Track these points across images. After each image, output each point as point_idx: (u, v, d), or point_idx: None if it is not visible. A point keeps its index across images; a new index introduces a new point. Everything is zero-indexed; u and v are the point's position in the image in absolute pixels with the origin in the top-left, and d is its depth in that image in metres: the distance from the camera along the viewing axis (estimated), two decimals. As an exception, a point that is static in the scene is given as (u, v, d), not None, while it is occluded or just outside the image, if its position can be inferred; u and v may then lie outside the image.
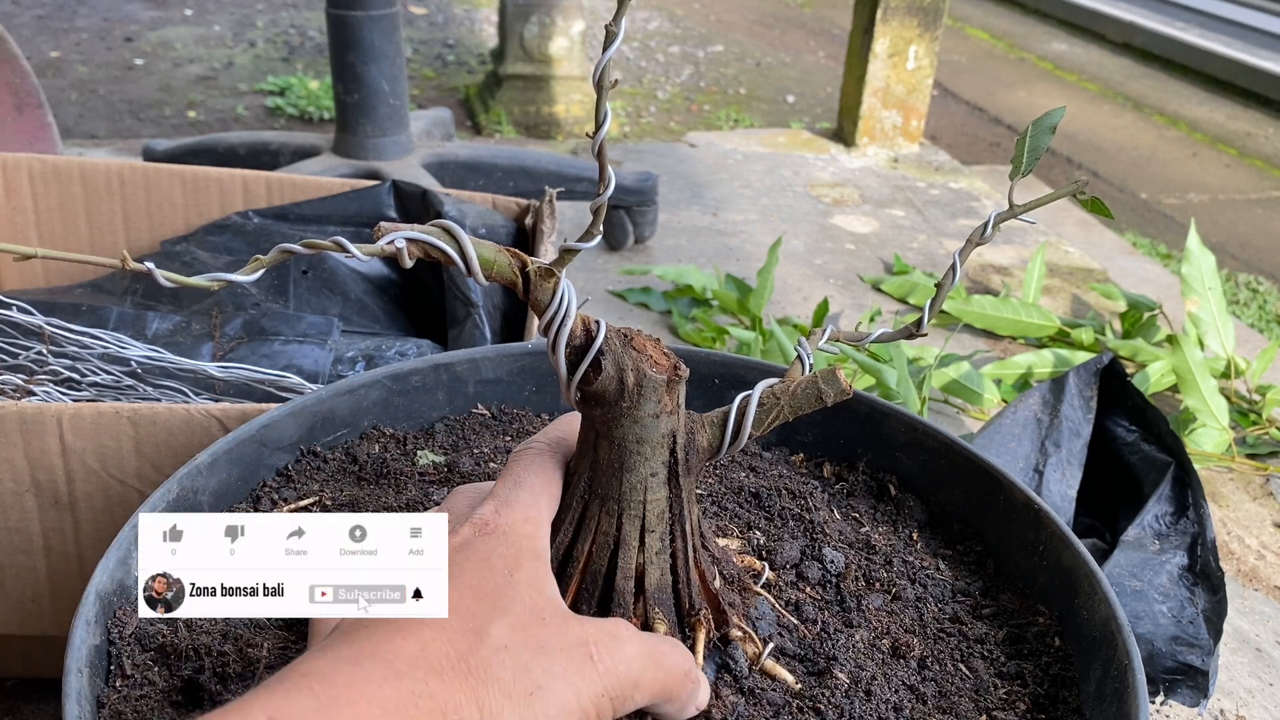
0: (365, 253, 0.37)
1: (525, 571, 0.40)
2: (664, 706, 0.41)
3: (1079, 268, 1.77)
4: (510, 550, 0.40)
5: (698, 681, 0.42)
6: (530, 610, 0.38)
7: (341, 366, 0.85)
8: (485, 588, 0.38)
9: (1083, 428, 1.03)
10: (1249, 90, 3.44)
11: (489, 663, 0.36)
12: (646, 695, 0.40)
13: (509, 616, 0.37)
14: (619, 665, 0.38)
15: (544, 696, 0.36)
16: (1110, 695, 0.45)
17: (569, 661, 0.37)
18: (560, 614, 0.39)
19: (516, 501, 0.43)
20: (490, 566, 0.39)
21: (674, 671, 0.41)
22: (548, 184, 1.62)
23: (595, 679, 0.37)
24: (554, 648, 0.37)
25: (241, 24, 3.40)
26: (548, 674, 0.36)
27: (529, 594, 0.39)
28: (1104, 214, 0.45)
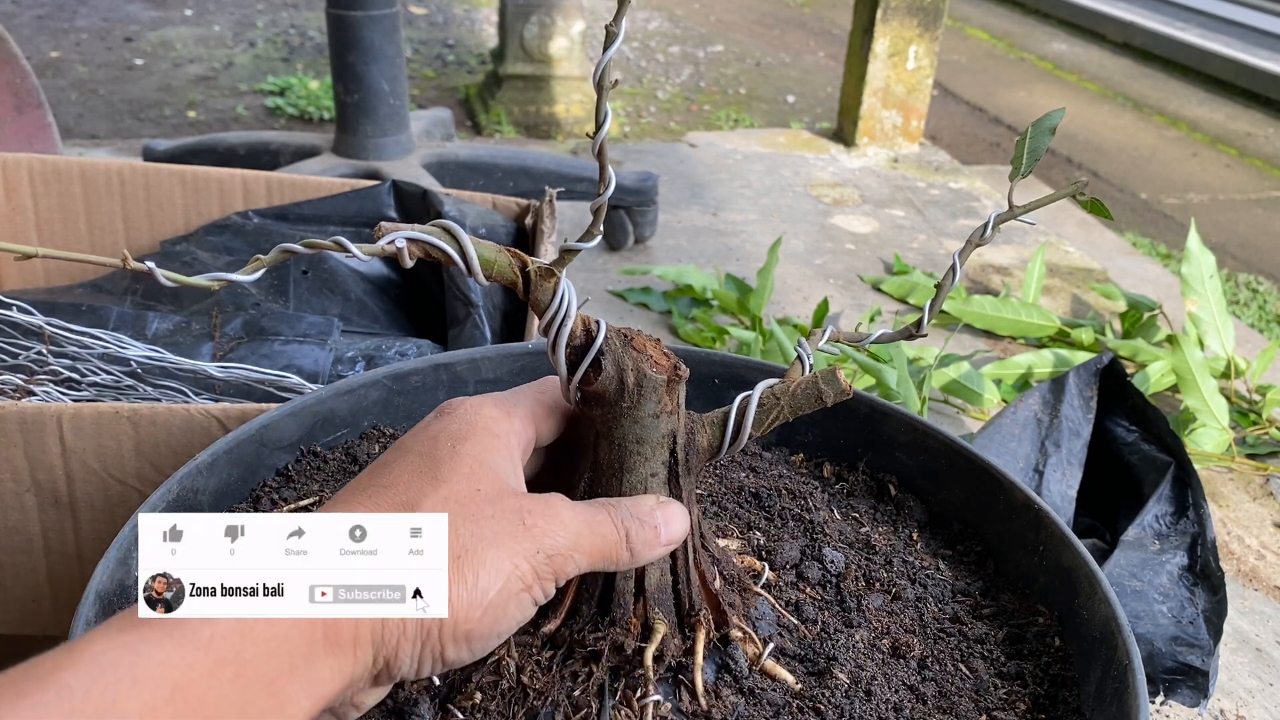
0: (365, 253, 0.37)
1: (471, 444, 0.41)
2: (606, 567, 0.42)
3: (1079, 268, 1.77)
4: (461, 427, 0.42)
5: (634, 549, 0.42)
6: (467, 482, 0.39)
7: (341, 366, 0.85)
8: (424, 465, 0.40)
9: (1083, 428, 1.03)
10: (1249, 90, 3.44)
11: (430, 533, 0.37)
12: (586, 559, 0.41)
13: (442, 489, 0.39)
14: (554, 529, 0.39)
15: (472, 558, 0.37)
16: (1110, 695, 0.45)
17: (500, 527, 0.38)
18: (498, 486, 0.40)
19: (491, 396, 0.44)
20: (436, 443, 0.41)
21: (605, 540, 0.41)
22: (548, 184, 1.62)
23: (529, 541, 0.38)
24: (485, 515, 0.38)
25: (241, 24, 3.40)
26: (475, 538, 0.37)
27: (469, 466, 0.40)
28: (1104, 214, 0.45)
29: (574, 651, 0.45)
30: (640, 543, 0.42)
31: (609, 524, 0.41)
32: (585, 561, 0.40)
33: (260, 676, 0.31)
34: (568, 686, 0.44)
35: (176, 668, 0.29)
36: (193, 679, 0.29)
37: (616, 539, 0.41)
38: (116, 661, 0.29)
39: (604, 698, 0.43)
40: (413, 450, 0.41)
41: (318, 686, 0.33)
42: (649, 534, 0.42)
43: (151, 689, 0.29)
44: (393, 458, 0.41)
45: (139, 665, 0.29)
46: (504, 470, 0.41)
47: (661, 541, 0.43)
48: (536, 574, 0.38)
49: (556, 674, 0.44)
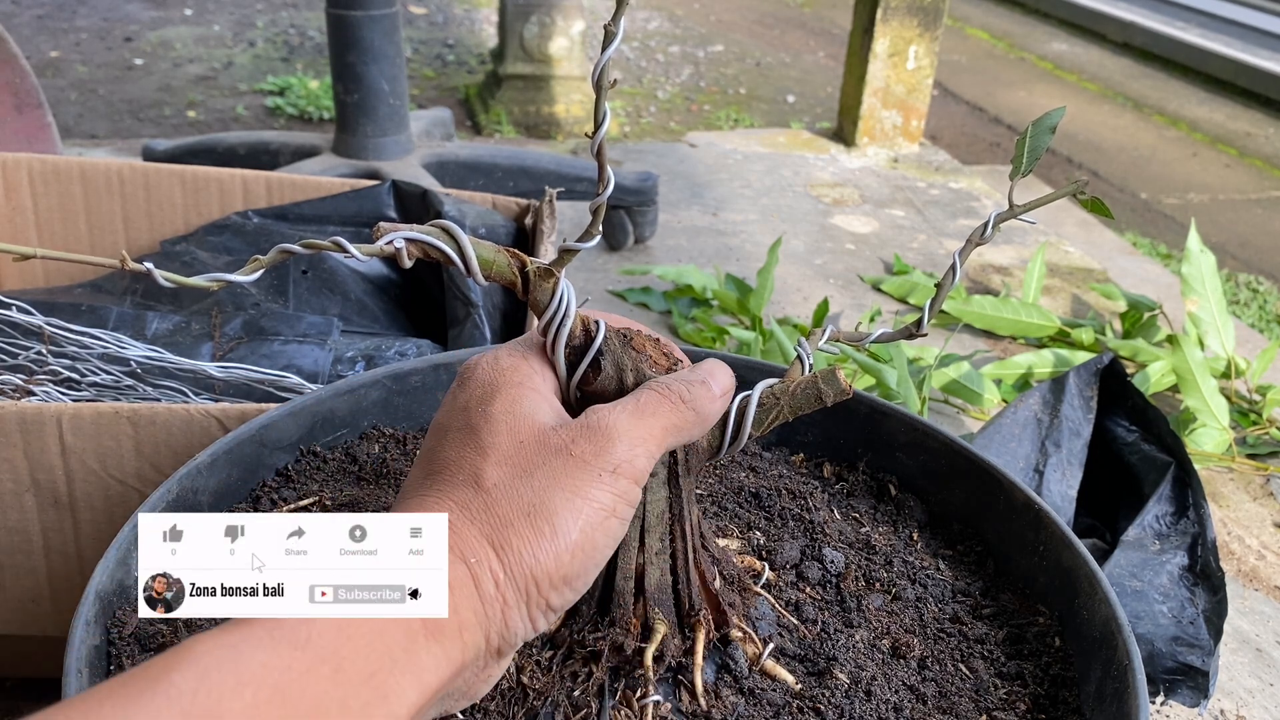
0: (365, 253, 0.37)
1: (499, 401, 0.41)
2: (680, 440, 0.42)
3: (1079, 268, 1.77)
4: (484, 389, 0.42)
5: (699, 401, 0.42)
6: (509, 437, 0.39)
7: (341, 366, 0.85)
8: (466, 439, 0.40)
9: (1083, 428, 1.03)
10: (1249, 90, 3.44)
11: (489, 507, 0.37)
12: (654, 446, 0.40)
13: (491, 456, 0.39)
14: (604, 445, 0.39)
15: (545, 511, 0.37)
16: (1110, 695, 0.45)
17: (554, 468, 0.38)
18: (536, 431, 0.40)
19: (504, 346, 0.44)
20: (468, 413, 0.41)
21: (662, 415, 0.41)
22: (548, 184, 1.62)
23: (585, 471, 0.38)
24: (535, 465, 0.38)
25: (241, 24, 3.40)
26: (535, 490, 0.38)
27: (504, 421, 0.40)
28: (1104, 214, 0.45)
29: (574, 651, 0.45)
30: (699, 399, 0.42)
31: (658, 400, 0.41)
32: (655, 448, 0.40)
33: (359, 672, 0.32)
34: (568, 686, 0.43)
35: (276, 668, 0.31)
36: (292, 679, 0.31)
37: (673, 406, 0.41)
38: (221, 662, 0.30)
39: (604, 698, 0.43)
40: (450, 428, 0.41)
41: (422, 675, 0.34)
42: (700, 390, 0.42)
43: (254, 689, 0.30)
44: (435, 441, 0.41)
45: (241, 667, 0.30)
46: (538, 412, 0.41)
47: (717, 392, 0.43)
48: (613, 494, 0.38)
49: (556, 674, 0.44)
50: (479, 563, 0.36)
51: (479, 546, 0.36)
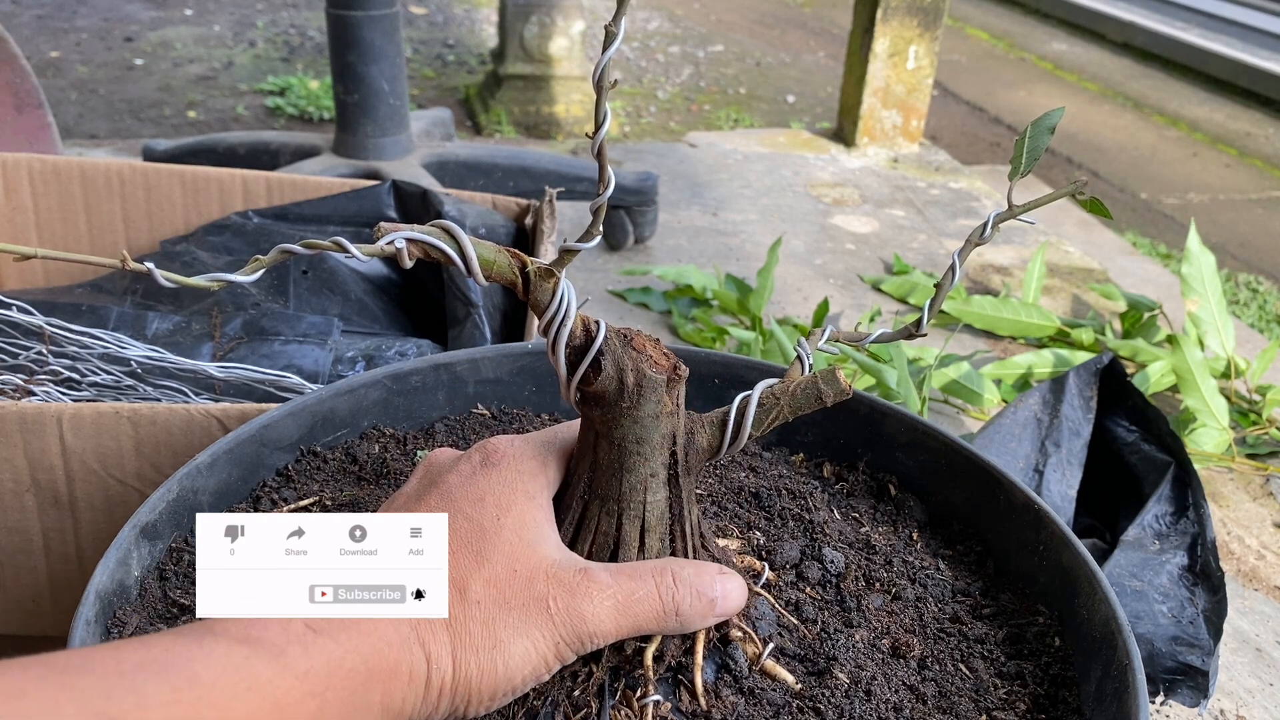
0: (365, 253, 0.37)
1: (513, 516, 0.42)
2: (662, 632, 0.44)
3: (1079, 268, 1.77)
4: (505, 493, 0.43)
5: (683, 619, 0.43)
6: (506, 561, 0.41)
7: (341, 366, 0.85)
8: (471, 535, 0.42)
9: (1083, 428, 1.03)
10: (1249, 90, 3.44)
11: (465, 619, 0.39)
12: (616, 636, 0.42)
13: (486, 569, 0.41)
14: (574, 618, 0.41)
15: (504, 649, 0.39)
16: (1110, 695, 0.45)
17: (527, 615, 0.40)
18: (532, 565, 0.41)
19: (530, 441, 0.46)
20: (483, 506, 0.42)
21: (642, 616, 0.42)
22: (548, 184, 1.62)
23: (550, 630, 0.40)
24: (517, 603, 0.40)
25: (241, 24, 3.40)
26: (508, 629, 0.40)
27: (510, 542, 0.42)
28: (1104, 214, 0.45)
29: (574, 651, 0.45)
30: (691, 614, 0.43)
31: (653, 597, 0.42)
32: (616, 636, 0.42)
33: (335, 715, 0.36)
34: (567, 686, 0.44)
35: (279, 688, 0.35)
36: (289, 701, 0.35)
37: (660, 612, 0.42)
38: (238, 667, 0.34)
39: (604, 698, 0.43)
40: (461, 511, 0.42)
41: None
42: (703, 606, 0.43)
43: (259, 698, 0.34)
44: (438, 503, 0.43)
45: (252, 678, 0.34)
46: (542, 542, 0.42)
47: (716, 613, 0.44)
48: (559, 654, 0.41)
49: (556, 674, 0.44)
50: (436, 664, 0.38)
51: (441, 651, 0.39)
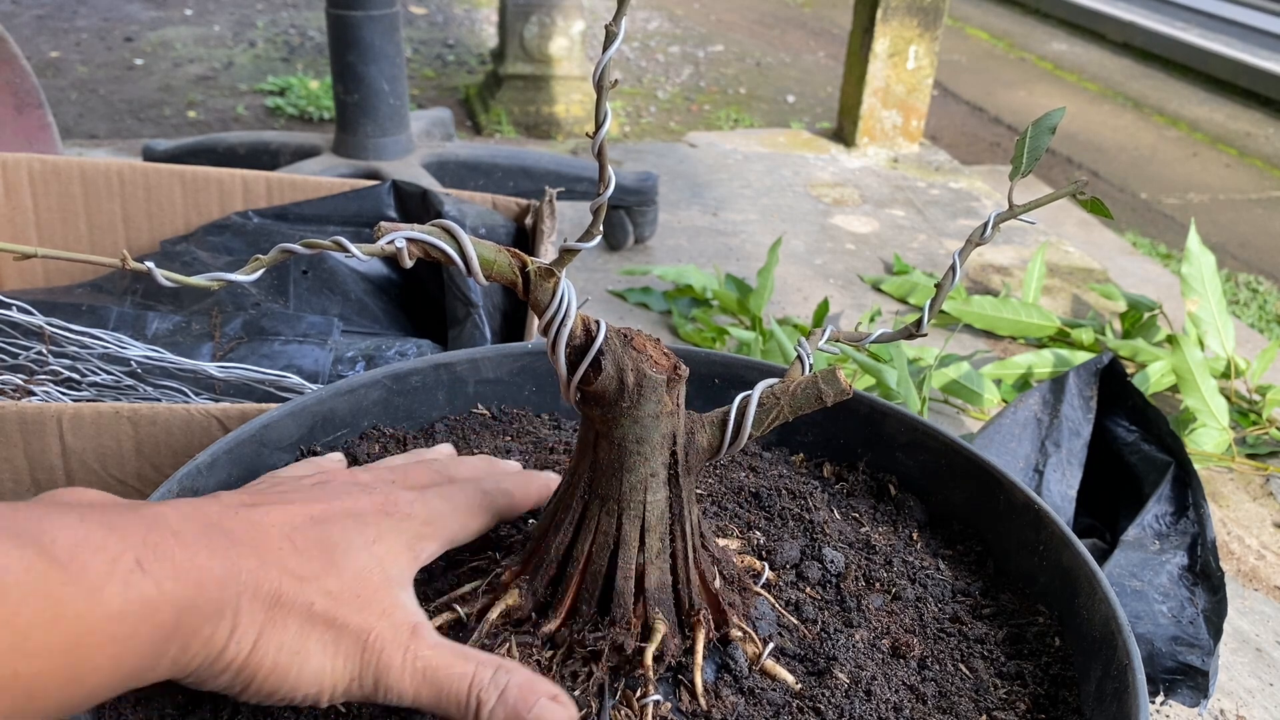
0: (365, 253, 0.37)
1: (385, 546, 0.43)
2: None
3: (1079, 268, 1.77)
4: (387, 530, 0.43)
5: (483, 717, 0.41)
6: (355, 581, 0.41)
7: (341, 366, 0.85)
8: (340, 541, 0.42)
9: (1083, 428, 1.03)
10: (1249, 90, 3.44)
11: (287, 612, 0.38)
12: (409, 700, 0.41)
13: (332, 579, 0.40)
14: (381, 665, 0.40)
15: (305, 659, 0.39)
16: (1110, 695, 0.45)
17: (342, 638, 0.39)
18: (373, 596, 0.41)
19: (432, 506, 0.46)
20: (361, 526, 0.43)
21: (445, 696, 0.40)
22: (548, 184, 1.62)
23: (355, 664, 0.40)
24: (339, 623, 0.39)
25: (241, 24, 3.40)
26: (319, 642, 0.39)
27: (368, 567, 0.42)
28: (1104, 214, 0.45)
29: (574, 651, 0.45)
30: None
31: (463, 684, 0.40)
32: (413, 702, 0.41)
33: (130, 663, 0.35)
34: (568, 686, 0.44)
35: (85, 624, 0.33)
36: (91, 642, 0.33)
37: (461, 702, 0.40)
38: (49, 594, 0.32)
39: (604, 698, 0.43)
40: (342, 517, 0.43)
41: None
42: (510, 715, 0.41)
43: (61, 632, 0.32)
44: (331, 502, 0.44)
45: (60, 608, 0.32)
46: (399, 584, 0.42)
47: None
48: (348, 690, 0.40)
49: (556, 674, 0.44)
50: (237, 640, 0.37)
51: (250, 629, 0.38)
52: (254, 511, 0.41)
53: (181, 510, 0.38)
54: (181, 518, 0.37)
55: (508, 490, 0.50)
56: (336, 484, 0.46)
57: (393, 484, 0.47)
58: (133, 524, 0.35)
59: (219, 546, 0.37)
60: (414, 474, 0.49)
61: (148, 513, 0.37)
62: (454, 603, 0.47)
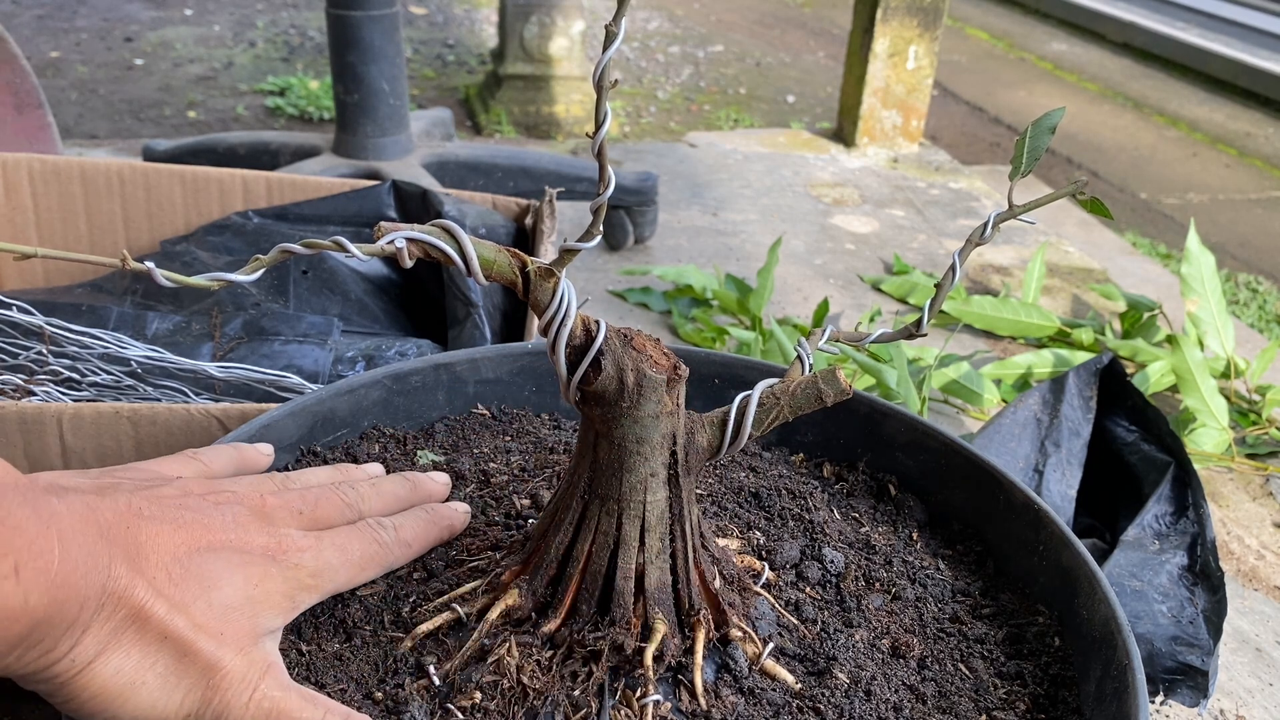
0: (365, 253, 0.37)
1: (262, 591, 0.42)
2: None
3: (1079, 268, 1.77)
4: (271, 575, 0.42)
5: None
6: (221, 617, 0.40)
7: (341, 366, 0.85)
8: (216, 579, 0.40)
9: (1082, 428, 1.03)
10: (1249, 90, 3.44)
11: (147, 635, 0.38)
12: None
13: (198, 610, 0.39)
14: (224, 705, 0.39)
15: (142, 688, 0.38)
16: (1110, 695, 0.45)
17: (188, 671, 0.38)
18: (236, 635, 0.40)
19: (324, 558, 0.45)
20: (245, 566, 0.42)
21: None
22: (548, 184, 1.62)
23: (196, 699, 0.39)
24: (191, 656, 0.38)
25: (241, 24, 3.40)
26: (163, 673, 0.38)
27: (239, 605, 0.41)
28: (1104, 214, 0.45)
29: (574, 651, 0.45)
30: None
31: None
32: None
33: None
34: (568, 686, 0.44)
35: None
36: None
37: None
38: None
39: (604, 697, 0.43)
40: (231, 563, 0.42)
41: None
42: None
43: None
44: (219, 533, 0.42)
45: None
46: (265, 629, 0.42)
47: None
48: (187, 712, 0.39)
49: (556, 674, 0.44)
50: (83, 648, 0.36)
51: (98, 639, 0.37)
52: (145, 528, 0.40)
53: (76, 510, 0.37)
54: (74, 520, 0.36)
55: (407, 541, 0.49)
56: (238, 509, 0.44)
57: (299, 515, 0.46)
58: (25, 522, 0.34)
59: (98, 562, 0.36)
60: (323, 507, 0.48)
61: (44, 509, 0.35)
62: (454, 602, 0.47)
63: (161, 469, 0.47)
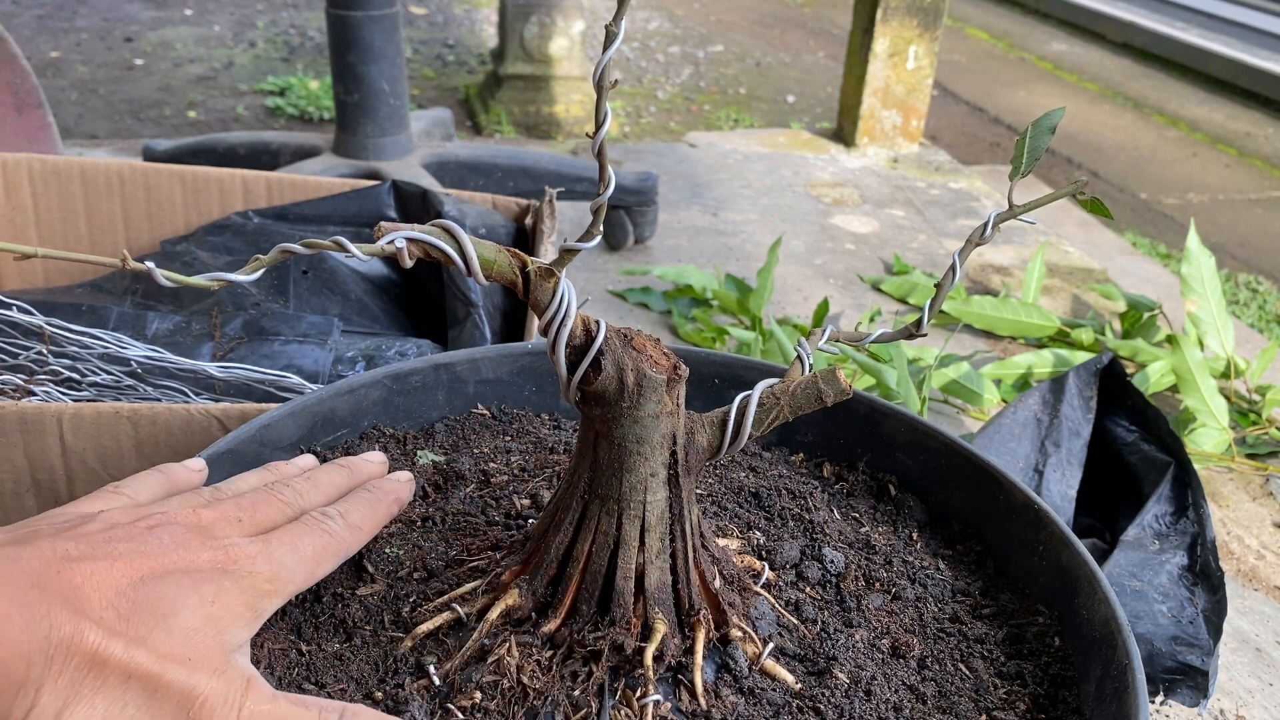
0: (365, 253, 0.37)
1: (221, 606, 0.40)
2: None
3: (1079, 268, 1.77)
4: (227, 588, 0.40)
5: None
6: (184, 643, 0.38)
7: (341, 366, 0.85)
8: (169, 606, 0.38)
9: (1082, 428, 1.03)
10: (1249, 90, 3.44)
11: (104, 674, 0.36)
12: None
13: (159, 640, 0.37)
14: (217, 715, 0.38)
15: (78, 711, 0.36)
16: (1110, 695, 0.45)
17: (163, 704, 0.36)
18: (204, 657, 0.38)
19: (277, 560, 0.43)
20: (196, 585, 0.39)
21: None
22: (548, 184, 1.62)
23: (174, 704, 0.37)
24: (162, 687, 0.36)
25: (241, 24, 3.40)
26: (131, 707, 0.36)
27: (201, 628, 0.39)
28: (1104, 214, 0.45)
29: (574, 651, 0.45)
30: None
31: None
32: None
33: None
34: (568, 686, 0.44)
35: None
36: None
37: None
38: None
39: (604, 697, 0.43)
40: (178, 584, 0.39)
41: None
42: None
43: None
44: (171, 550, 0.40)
45: None
46: (233, 646, 0.40)
47: None
48: None
49: (556, 673, 0.44)
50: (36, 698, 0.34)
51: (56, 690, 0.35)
52: (77, 569, 0.37)
53: (1, 564, 0.35)
54: (1, 574, 0.35)
55: (357, 525, 0.48)
56: (175, 530, 0.42)
57: (239, 523, 0.44)
58: None
59: (35, 614, 0.34)
60: (262, 510, 0.46)
61: None
62: (454, 603, 0.47)
63: (81, 508, 0.44)
